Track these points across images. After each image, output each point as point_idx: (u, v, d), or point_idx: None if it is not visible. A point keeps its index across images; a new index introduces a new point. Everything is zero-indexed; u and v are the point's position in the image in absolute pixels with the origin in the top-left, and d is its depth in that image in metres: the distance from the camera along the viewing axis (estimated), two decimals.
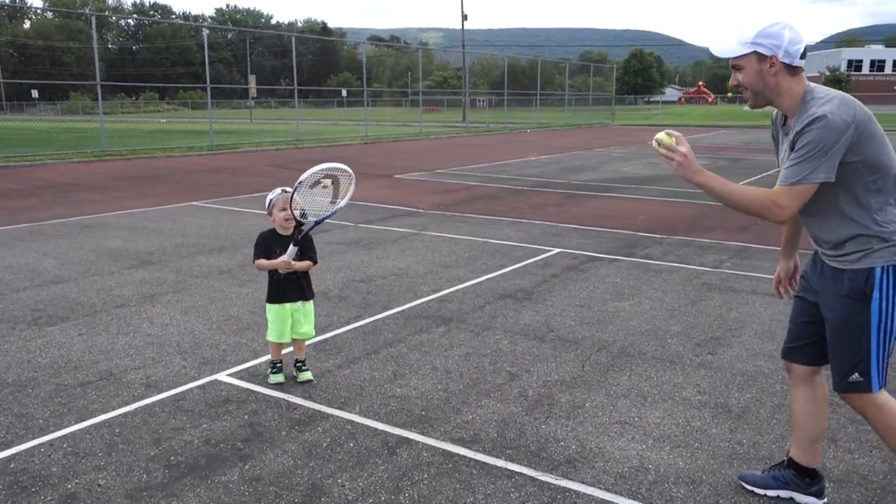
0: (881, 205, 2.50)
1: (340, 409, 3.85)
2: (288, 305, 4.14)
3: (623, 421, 3.74)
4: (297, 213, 3.94)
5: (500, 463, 3.29)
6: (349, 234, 8.71)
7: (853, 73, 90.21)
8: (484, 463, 3.29)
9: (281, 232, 4.12)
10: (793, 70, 2.54)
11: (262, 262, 4.09)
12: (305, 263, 4.11)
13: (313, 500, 2.99)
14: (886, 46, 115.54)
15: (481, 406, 3.90)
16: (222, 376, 4.29)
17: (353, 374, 4.35)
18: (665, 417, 3.78)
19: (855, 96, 2.63)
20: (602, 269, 7.02)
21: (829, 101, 2.46)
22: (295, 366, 4.25)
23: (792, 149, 2.52)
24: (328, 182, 4.00)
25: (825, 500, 3.01)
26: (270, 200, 4.12)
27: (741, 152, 23.06)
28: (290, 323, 4.15)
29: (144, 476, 3.16)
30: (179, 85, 73.23)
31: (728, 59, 2.61)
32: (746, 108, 2.80)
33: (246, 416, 3.75)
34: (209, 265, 7.10)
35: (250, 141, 25.61)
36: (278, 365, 4.21)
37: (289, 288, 4.14)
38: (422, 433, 3.57)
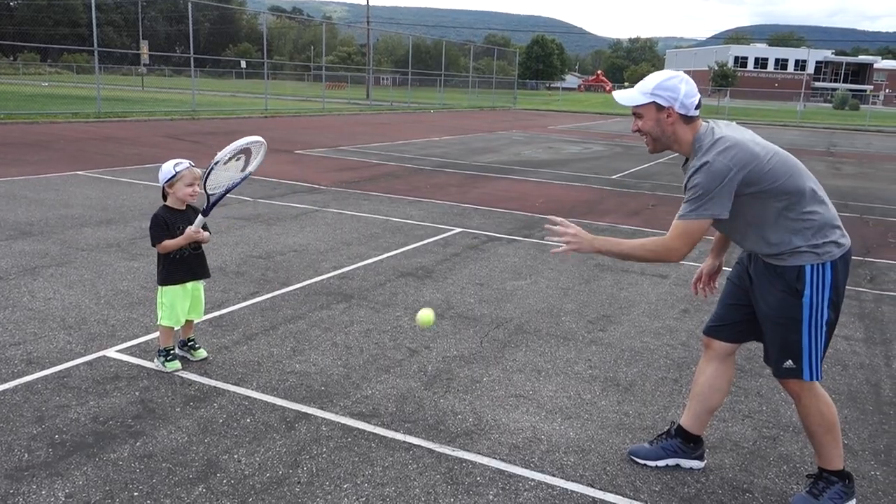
0: (797, 218, 2.68)
1: (237, 385, 3.78)
2: (190, 285, 3.94)
3: (518, 394, 3.87)
4: (208, 188, 3.77)
5: (399, 436, 3.34)
6: (248, 209, 8.49)
7: (739, 68, 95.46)
8: (383, 436, 3.33)
9: (176, 206, 3.88)
10: (688, 119, 2.75)
11: (170, 242, 3.79)
12: (207, 234, 3.92)
13: (208, 475, 2.94)
14: (770, 45, 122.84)
15: (381, 381, 3.93)
16: (111, 352, 4.12)
17: (250, 350, 4.28)
18: (558, 391, 3.94)
19: (739, 90, 2.83)
20: (501, 249, 7.18)
21: (711, 149, 2.65)
22: (186, 346, 4.08)
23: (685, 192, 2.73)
24: (241, 156, 3.83)
25: (705, 461, 3.23)
26: (176, 172, 3.78)
27: (635, 140, 23.98)
28: (188, 304, 3.95)
29: (26, 455, 3.01)
30: (63, 46, 68.50)
31: (630, 106, 2.80)
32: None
33: (137, 393, 3.62)
34: (96, 238, 6.75)
35: (142, 110, 24.37)
36: (172, 352, 3.95)
37: (195, 264, 3.96)
38: (321, 408, 3.57)
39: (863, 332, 5.18)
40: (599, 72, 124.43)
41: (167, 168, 3.80)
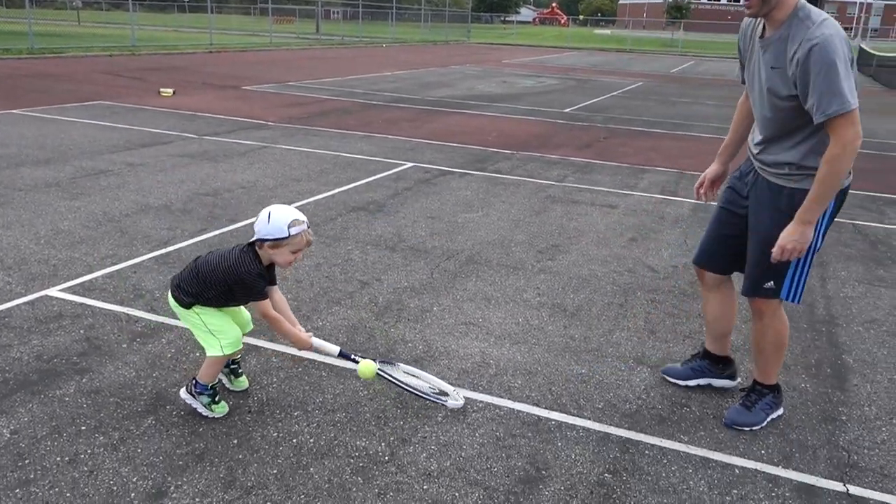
0: None
1: None
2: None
3: (468, 322, 3.93)
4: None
5: (349, 365, 3.37)
6: (193, 147, 8.27)
7: (693, 1, 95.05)
8: (333, 366, 3.36)
9: (264, 262, 2.82)
10: None
11: (306, 338, 2.92)
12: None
13: (158, 408, 2.94)
14: None
15: (332, 313, 3.94)
16: (53, 291, 4.03)
17: None
18: (507, 318, 4.01)
19: (693, 22, 2.73)
20: (453, 183, 7.17)
21: (825, 25, 2.45)
22: (228, 367, 3.11)
23: (797, 66, 2.47)
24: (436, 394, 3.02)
25: (738, 380, 3.32)
26: (289, 234, 2.69)
27: (588, 73, 23.92)
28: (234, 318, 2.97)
29: None
30: None
31: None
32: (598, 31, 2.80)
33: (82, 331, 3.57)
34: (34, 178, 6.52)
35: (78, 45, 23.27)
36: (216, 386, 2.95)
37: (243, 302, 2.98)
38: (270, 340, 3.56)
39: None
40: (554, 4, 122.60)
41: (278, 223, 2.69)
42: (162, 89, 12.97)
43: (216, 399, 2.92)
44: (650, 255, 5.21)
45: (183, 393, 2.92)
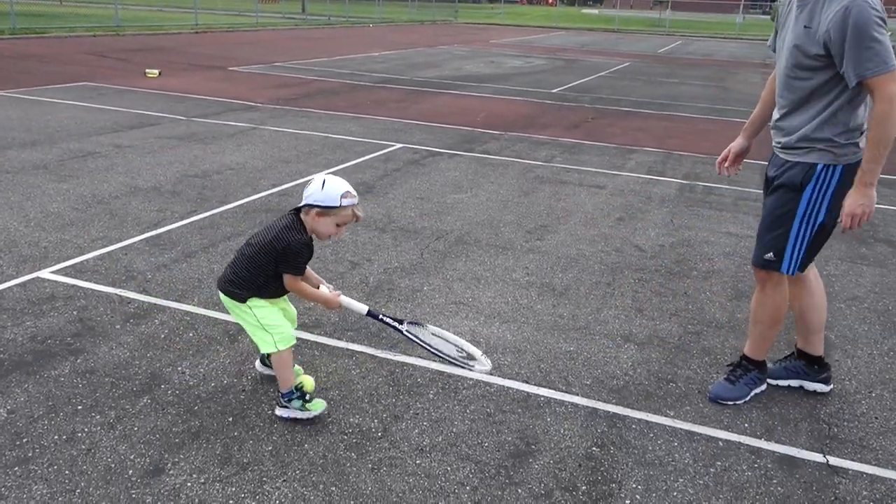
0: (852, 110, 2.65)
1: (178, 301, 3.78)
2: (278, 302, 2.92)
3: (458, 301, 3.98)
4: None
5: (342, 344, 3.42)
6: (181, 129, 8.24)
7: None
8: (326, 345, 3.41)
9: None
10: None
11: (333, 297, 2.88)
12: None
13: (153, 387, 2.98)
14: None
15: None
16: (45, 273, 4.04)
17: (190, 267, 4.26)
18: (496, 297, 4.07)
19: (681, 2, 2.75)
20: (442, 164, 7.19)
21: None
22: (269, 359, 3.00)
23: (832, 27, 2.51)
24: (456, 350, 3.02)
25: (831, 386, 3.22)
26: (340, 205, 2.71)
27: (576, 54, 23.87)
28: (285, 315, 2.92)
29: None
30: None
31: None
32: (586, 11, 2.80)
33: (75, 312, 3.59)
34: (22, 160, 6.49)
35: (61, 26, 22.95)
36: (299, 387, 2.84)
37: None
38: None
39: None
40: None
41: (332, 192, 2.71)
42: (148, 70, 12.86)
43: (307, 398, 2.81)
44: (637, 234, 5.27)
45: (279, 411, 2.81)
